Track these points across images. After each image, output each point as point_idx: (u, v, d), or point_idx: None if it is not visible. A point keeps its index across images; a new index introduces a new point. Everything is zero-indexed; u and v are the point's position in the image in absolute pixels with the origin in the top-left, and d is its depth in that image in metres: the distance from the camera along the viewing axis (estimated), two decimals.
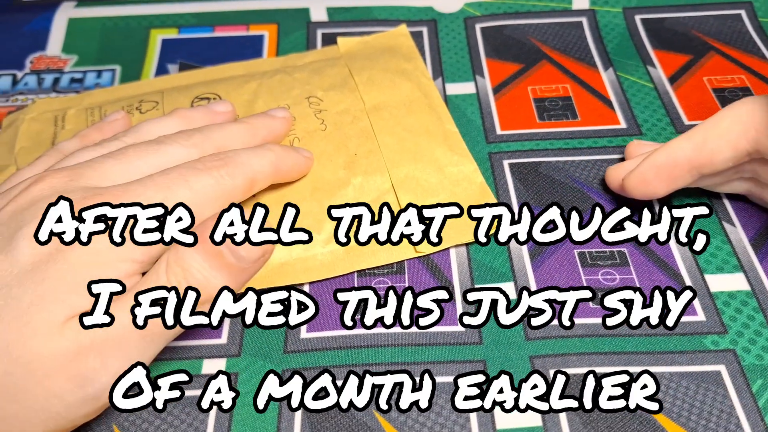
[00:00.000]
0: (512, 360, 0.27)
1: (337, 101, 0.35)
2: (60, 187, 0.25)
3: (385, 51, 0.39)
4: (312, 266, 0.30)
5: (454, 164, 0.33)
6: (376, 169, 0.32)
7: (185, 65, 0.41)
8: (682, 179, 0.29)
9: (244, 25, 0.43)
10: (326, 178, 0.32)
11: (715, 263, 0.30)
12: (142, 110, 0.35)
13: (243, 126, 0.31)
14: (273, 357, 0.28)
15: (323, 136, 0.34)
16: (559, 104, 0.37)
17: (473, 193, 0.32)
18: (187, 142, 0.28)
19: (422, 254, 0.30)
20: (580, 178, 0.33)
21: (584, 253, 0.30)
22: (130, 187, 0.25)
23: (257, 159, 0.28)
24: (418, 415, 0.26)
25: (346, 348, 0.28)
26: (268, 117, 0.32)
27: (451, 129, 0.35)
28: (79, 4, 0.44)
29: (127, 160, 0.27)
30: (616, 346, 0.27)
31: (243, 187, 0.27)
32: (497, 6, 0.43)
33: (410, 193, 0.32)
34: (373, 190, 0.32)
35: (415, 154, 0.33)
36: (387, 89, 0.36)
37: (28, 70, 0.41)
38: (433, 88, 0.37)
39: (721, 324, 0.28)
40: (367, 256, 0.30)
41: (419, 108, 0.35)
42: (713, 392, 0.26)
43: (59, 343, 0.22)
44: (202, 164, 0.27)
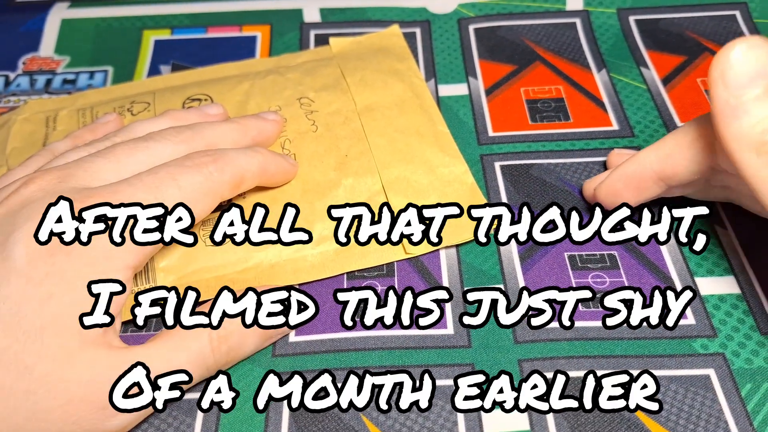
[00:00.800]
0: (501, 363, 0.27)
1: (328, 102, 0.35)
2: (51, 188, 0.25)
3: (378, 51, 0.39)
4: (302, 267, 0.30)
5: (445, 165, 0.33)
6: (366, 171, 0.32)
7: (178, 66, 0.41)
8: (650, 190, 0.29)
9: (237, 26, 0.43)
10: (317, 179, 0.32)
11: (705, 266, 0.30)
12: (134, 111, 0.35)
13: (234, 125, 0.31)
14: (261, 360, 0.28)
15: (314, 138, 0.33)
16: (552, 106, 0.37)
17: (464, 194, 0.32)
18: (176, 139, 0.28)
19: (412, 255, 0.30)
20: (571, 180, 0.33)
21: (574, 256, 0.30)
22: (119, 188, 0.25)
23: (245, 158, 0.28)
24: (405, 419, 0.26)
25: (335, 351, 0.28)
26: (260, 119, 0.32)
27: (442, 130, 0.35)
28: (72, 4, 0.44)
29: (116, 159, 0.27)
30: (606, 350, 0.27)
31: (231, 184, 0.27)
32: (491, 7, 0.42)
33: (401, 194, 0.32)
34: (364, 192, 0.32)
35: (406, 155, 0.33)
36: (379, 90, 0.36)
37: (21, 71, 0.41)
38: (425, 88, 0.37)
39: (711, 327, 0.28)
40: (357, 258, 0.30)
41: (411, 109, 0.35)
42: (702, 396, 0.26)
43: (84, 370, 0.23)
44: (191, 161, 0.27)
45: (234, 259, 0.29)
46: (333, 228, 0.30)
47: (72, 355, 0.23)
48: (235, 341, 0.26)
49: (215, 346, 0.25)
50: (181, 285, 0.29)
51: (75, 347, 0.23)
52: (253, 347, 0.27)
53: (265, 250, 0.30)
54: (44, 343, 0.22)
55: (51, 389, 0.22)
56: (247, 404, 0.26)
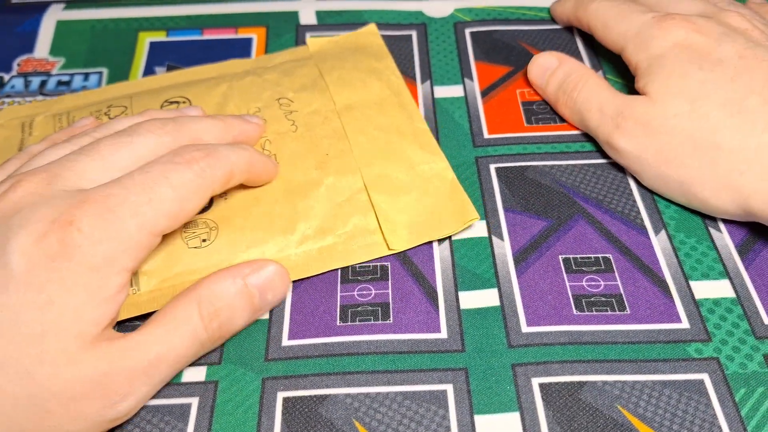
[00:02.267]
0: (494, 368, 0.27)
1: (308, 102, 0.35)
2: (40, 191, 0.25)
3: (355, 50, 0.39)
4: (286, 267, 0.30)
5: (426, 162, 0.33)
6: (348, 169, 0.32)
7: (173, 68, 0.40)
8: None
9: (233, 28, 0.43)
10: (298, 179, 0.32)
11: (700, 269, 0.30)
12: (111, 115, 0.35)
13: (217, 121, 0.31)
14: (254, 365, 0.27)
15: (294, 138, 0.33)
16: (547, 108, 0.37)
17: (445, 190, 0.32)
18: (160, 131, 0.28)
19: (395, 251, 0.30)
20: (566, 182, 0.33)
21: (569, 258, 0.30)
22: (111, 191, 0.25)
23: (235, 154, 0.28)
24: (398, 425, 0.25)
25: (328, 356, 0.28)
26: (242, 119, 0.32)
27: (421, 127, 0.35)
28: (67, 6, 0.44)
29: (100, 156, 0.26)
30: (599, 354, 0.27)
31: (222, 180, 0.27)
32: (487, 12, 0.42)
33: (383, 192, 0.32)
34: (345, 190, 0.32)
35: (387, 153, 0.33)
36: (358, 89, 0.36)
37: (15, 73, 0.40)
38: (404, 86, 0.37)
39: (706, 332, 0.28)
40: (341, 256, 0.30)
41: (390, 107, 0.35)
42: (696, 401, 0.26)
43: (85, 369, 0.23)
44: (181, 157, 0.26)
45: (217, 261, 0.29)
46: (316, 227, 0.30)
47: (73, 357, 0.23)
48: (225, 316, 0.26)
49: (207, 323, 0.26)
50: (165, 288, 0.29)
51: (75, 349, 0.23)
52: (243, 321, 0.27)
53: (247, 252, 0.30)
54: (44, 348, 0.22)
55: (54, 391, 0.22)
56: (239, 408, 0.26)
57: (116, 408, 0.24)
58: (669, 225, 0.31)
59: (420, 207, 0.31)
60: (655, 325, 0.28)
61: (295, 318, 0.29)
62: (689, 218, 0.32)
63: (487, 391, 0.26)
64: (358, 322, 0.28)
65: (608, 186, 0.33)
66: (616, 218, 0.32)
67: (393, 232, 0.31)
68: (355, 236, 0.31)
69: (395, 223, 0.31)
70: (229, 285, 0.26)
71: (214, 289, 0.26)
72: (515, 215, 0.32)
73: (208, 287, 0.26)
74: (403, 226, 0.31)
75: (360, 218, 0.31)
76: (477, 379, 0.27)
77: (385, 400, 0.26)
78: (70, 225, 0.23)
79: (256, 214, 0.31)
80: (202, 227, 0.30)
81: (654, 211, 0.32)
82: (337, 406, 0.26)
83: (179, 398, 0.27)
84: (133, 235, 0.24)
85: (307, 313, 0.29)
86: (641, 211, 0.32)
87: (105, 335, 0.24)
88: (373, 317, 0.29)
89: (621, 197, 0.33)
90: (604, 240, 0.31)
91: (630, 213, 0.32)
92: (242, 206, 0.31)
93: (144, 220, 0.24)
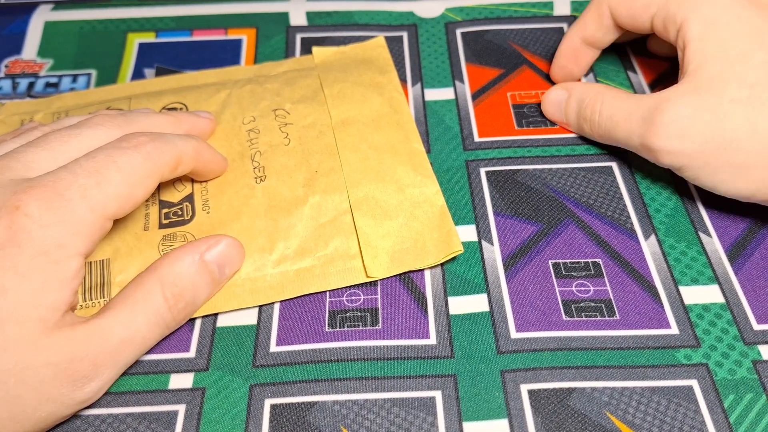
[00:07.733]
0: (483, 374, 0.27)
1: (305, 114, 0.35)
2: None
3: (361, 63, 0.38)
4: (260, 288, 0.29)
5: (417, 185, 0.32)
6: (335, 188, 0.32)
7: (162, 69, 0.40)
8: (585, 54, 0.36)
9: (223, 29, 0.42)
10: (284, 194, 0.31)
11: (690, 274, 0.30)
12: None
13: (168, 116, 0.31)
14: (242, 371, 0.27)
15: (285, 151, 0.33)
16: (538, 111, 0.37)
17: (433, 216, 0.31)
18: (110, 123, 0.28)
19: (373, 279, 0.30)
20: (556, 186, 0.33)
21: (558, 263, 0.30)
22: (60, 176, 0.25)
23: (182, 141, 0.28)
24: (389, 427, 0.25)
25: (316, 362, 0.27)
26: (193, 115, 0.33)
27: (417, 148, 0.34)
28: (55, 7, 0.43)
29: (49, 147, 0.26)
30: (588, 360, 0.27)
31: (171, 164, 0.27)
32: (478, 11, 0.42)
33: (368, 214, 0.31)
34: (330, 210, 0.31)
35: (377, 173, 0.32)
36: (357, 103, 0.35)
37: (3, 74, 0.40)
38: (404, 104, 0.36)
39: (695, 337, 0.28)
40: (317, 280, 0.30)
41: (387, 124, 0.35)
42: (684, 408, 0.26)
43: (49, 355, 0.23)
44: (128, 142, 0.26)
45: None
46: (295, 247, 0.30)
47: (36, 342, 0.23)
48: (189, 296, 0.27)
49: (171, 304, 0.26)
50: None
51: (38, 334, 0.23)
52: (205, 297, 0.28)
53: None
54: (6, 336, 0.22)
55: (21, 377, 0.23)
56: (226, 416, 0.26)
57: (83, 390, 0.24)
58: (659, 230, 0.31)
59: (405, 233, 0.30)
60: (645, 330, 0.28)
61: (283, 324, 0.29)
62: (679, 223, 0.32)
63: (475, 397, 0.26)
64: (346, 327, 0.28)
65: (598, 190, 0.33)
66: (606, 223, 0.32)
67: (374, 259, 0.30)
68: (334, 260, 0.30)
69: (377, 249, 0.30)
70: (189, 263, 0.27)
71: (174, 269, 0.27)
72: (505, 219, 0.32)
73: (168, 267, 0.26)
74: (384, 253, 0.30)
75: (342, 241, 0.30)
76: (466, 386, 0.27)
77: (374, 407, 0.26)
78: (17, 210, 0.23)
79: (236, 229, 0.30)
80: (181, 240, 0.30)
81: (644, 215, 0.32)
82: (325, 412, 0.26)
83: (166, 405, 0.26)
84: (84, 218, 0.24)
85: (296, 318, 0.29)
86: (631, 216, 0.32)
87: (67, 320, 0.24)
88: (361, 323, 0.28)
89: (611, 201, 0.32)
90: (593, 245, 0.31)
91: (620, 217, 0.32)
92: (223, 220, 0.31)
93: (94, 203, 0.24)
